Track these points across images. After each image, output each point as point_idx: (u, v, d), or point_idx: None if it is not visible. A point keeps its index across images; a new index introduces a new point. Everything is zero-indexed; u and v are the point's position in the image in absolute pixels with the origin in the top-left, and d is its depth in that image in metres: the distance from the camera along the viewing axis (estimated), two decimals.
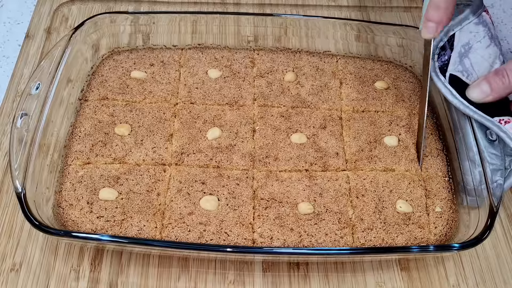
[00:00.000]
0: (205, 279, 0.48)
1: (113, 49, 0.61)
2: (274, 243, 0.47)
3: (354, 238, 0.48)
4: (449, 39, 0.52)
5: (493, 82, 0.49)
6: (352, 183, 0.52)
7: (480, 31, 0.52)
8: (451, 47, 0.52)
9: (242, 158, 0.53)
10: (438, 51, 0.52)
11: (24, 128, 0.48)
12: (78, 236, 0.45)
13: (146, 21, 0.60)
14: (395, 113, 0.57)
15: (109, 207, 0.49)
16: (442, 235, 0.49)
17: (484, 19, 0.53)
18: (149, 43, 0.62)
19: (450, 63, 0.51)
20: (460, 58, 0.51)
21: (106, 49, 0.60)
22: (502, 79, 0.49)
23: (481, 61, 0.51)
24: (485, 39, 0.52)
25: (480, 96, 0.49)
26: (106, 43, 0.60)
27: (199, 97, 0.57)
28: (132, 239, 0.46)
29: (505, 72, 0.49)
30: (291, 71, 0.60)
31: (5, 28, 0.68)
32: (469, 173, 0.49)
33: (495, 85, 0.49)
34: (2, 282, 0.47)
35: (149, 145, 0.53)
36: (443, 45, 0.52)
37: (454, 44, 0.52)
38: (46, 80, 0.52)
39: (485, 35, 0.52)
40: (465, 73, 0.51)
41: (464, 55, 0.51)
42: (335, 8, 0.70)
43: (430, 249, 0.45)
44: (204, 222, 0.48)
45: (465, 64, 0.51)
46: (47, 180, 0.50)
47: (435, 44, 0.52)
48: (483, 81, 0.49)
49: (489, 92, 0.49)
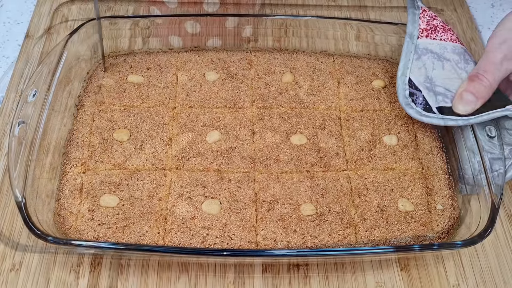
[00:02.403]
0: (205, 280, 0.48)
1: (109, 53, 0.60)
2: (278, 245, 0.48)
3: (357, 237, 0.49)
4: (410, 85, 0.53)
5: (473, 89, 0.49)
6: (354, 182, 0.52)
7: (426, 62, 0.53)
8: (417, 89, 0.52)
9: (242, 161, 0.53)
10: (410, 99, 0.53)
11: (22, 136, 0.48)
12: (80, 245, 0.45)
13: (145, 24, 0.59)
14: (393, 112, 0.57)
15: (111, 214, 0.49)
16: (444, 232, 0.49)
17: (420, 47, 0.53)
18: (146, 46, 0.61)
19: (427, 101, 0.52)
20: (432, 91, 0.52)
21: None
22: (481, 83, 0.49)
23: (450, 80, 0.52)
24: (436, 64, 0.53)
25: (469, 107, 0.49)
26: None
27: (197, 100, 0.57)
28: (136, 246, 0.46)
29: (479, 75, 0.49)
30: (288, 72, 0.60)
31: (5, 28, 0.68)
32: (468, 163, 0.50)
33: (476, 90, 0.49)
34: (2, 282, 0.47)
35: (149, 150, 0.53)
36: (410, 92, 0.53)
37: (416, 85, 0.53)
38: (43, 86, 0.51)
39: (433, 61, 0.53)
40: (447, 99, 0.51)
41: (433, 87, 0.52)
42: (335, 8, 0.70)
43: (434, 247, 0.46)
44: (207, 226, 0.48)
45: (440, 92, 0.51)
46: (47, 188, 0.49)
47: (403, 94, 0.53)
48: (464, 92, 0.49)
49: (474, 100, 0.49)
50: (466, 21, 0.70)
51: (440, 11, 0.71)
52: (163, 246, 0.47)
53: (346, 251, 0.47)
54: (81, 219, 0.49)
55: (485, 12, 0.73)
